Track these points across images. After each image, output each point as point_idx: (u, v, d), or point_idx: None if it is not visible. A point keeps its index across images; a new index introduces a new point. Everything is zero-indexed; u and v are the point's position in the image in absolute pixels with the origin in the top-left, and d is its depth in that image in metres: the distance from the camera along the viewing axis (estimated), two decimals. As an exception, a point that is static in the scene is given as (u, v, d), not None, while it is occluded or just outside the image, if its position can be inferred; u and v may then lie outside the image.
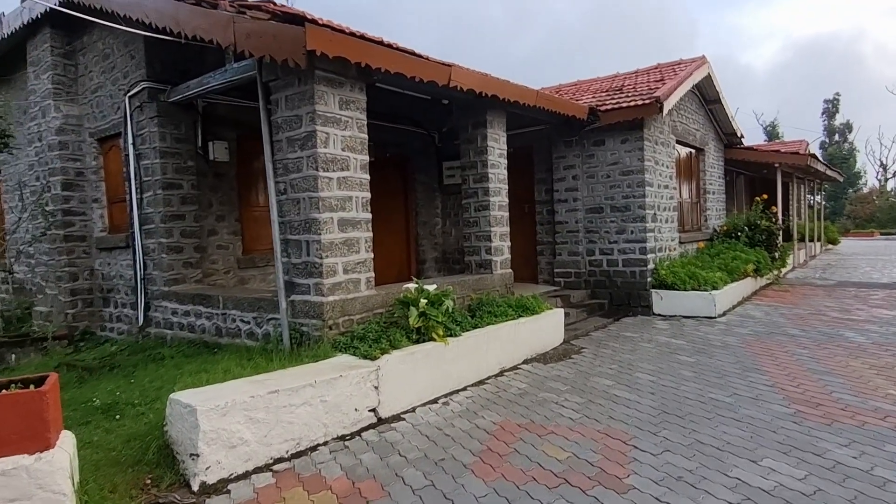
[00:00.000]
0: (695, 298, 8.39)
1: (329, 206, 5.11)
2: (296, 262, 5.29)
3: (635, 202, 8.79)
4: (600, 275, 9.17)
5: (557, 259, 9.50)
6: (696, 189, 11.53)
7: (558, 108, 7.95)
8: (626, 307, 8.90)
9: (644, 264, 8.75)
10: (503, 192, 7.46)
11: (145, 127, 6.83)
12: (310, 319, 5.15)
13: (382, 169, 9.93)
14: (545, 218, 9.79)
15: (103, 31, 7.44)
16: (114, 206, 7.84)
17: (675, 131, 9.97)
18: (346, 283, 5.26)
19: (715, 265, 9.60)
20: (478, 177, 7.29)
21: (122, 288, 7.56)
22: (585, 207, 9.29)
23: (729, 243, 10.95)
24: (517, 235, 10.10)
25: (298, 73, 5.07)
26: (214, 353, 5.77)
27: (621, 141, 8.90)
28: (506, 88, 6.86)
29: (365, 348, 4.80)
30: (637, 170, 8.76)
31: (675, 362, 6.00)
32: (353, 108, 5.35)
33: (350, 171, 5.32)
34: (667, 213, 9.49)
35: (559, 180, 9.45)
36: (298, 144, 5.16)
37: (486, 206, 7.22)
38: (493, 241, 7.22)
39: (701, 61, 10.32)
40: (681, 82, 9.10)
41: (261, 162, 6.30)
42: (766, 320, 8.02)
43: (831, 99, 51.99)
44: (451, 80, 5.95)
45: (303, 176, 5.15)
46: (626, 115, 8.46)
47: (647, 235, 8.72)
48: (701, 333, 7.30)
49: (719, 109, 11.79)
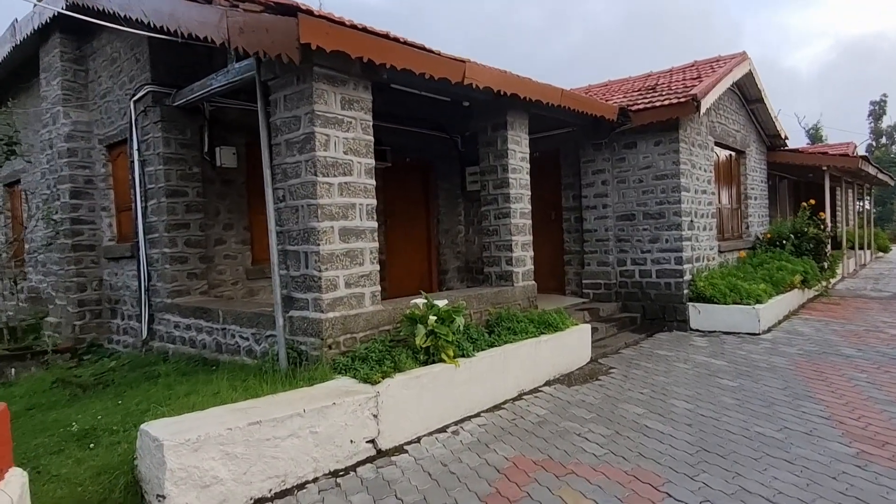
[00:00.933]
0: (736, 313, 7.71)
1: (329, 214, 4.69)
2: (294, 275, 4.88)
3: (670, 209, 8.16)
4: (632, 286, 8.56)
5: (586, 269, 8.92)
6: (737, 194, 10.80)
7: (586, 109, 7.41)
8: (660, 322, 8.26)
9: (680, 275, 8.11)
10: (525, 198, 6.95)
11: (149, 132, 6.57)
12: (308, 337, 4.73)
13: (402, 175, 9.54)
14: (573, 226, 9.23)
15: (111, 35, 7.23)
16: (122, 215, 7.61)
17: (713, 132, 9.30)
18: (349, 297, 4.83)
19: (758, 276, 8.88)
20: (497, 182, 6.79)
21: (128, 299, 7.30)
22: (616, 214, 8.69)
23: (773, 252, 10.19)
24: (543, 244, 9.56)
25: (297, 71, 4.68)
26: (212, 370, 5.40)
27: (655, 143, 8.29)
28: (527, 87, 6.36)
29: (366, 371, 4.35)
30: (672, 174, 8.14)
31: (715, 387, 5.39)
32: (356, 108, 4.93)
33: (353, 177, 4.90)
34: (704, 220, 8.83)
35: (588, 186, 8.88)
36: (297, 148, 4.77)
37: (506, 214, 6.72)
38: (514, 251, 6.71)
39: (741, 57, 9.63)
40: (719, 79, 8.45)
41: (265, 167, 5.95)
42: (817, 338, 7.29)
43: (878, 101, 49.83)
44: (465, 78, 5.49)
45: (301, 182, 4.75)
46: (659, 116, 7.86)
47: (682, 244, 8.08)
48: (744, 353, 6.63)
49: (761, 109, 11.04)
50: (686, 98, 7.60)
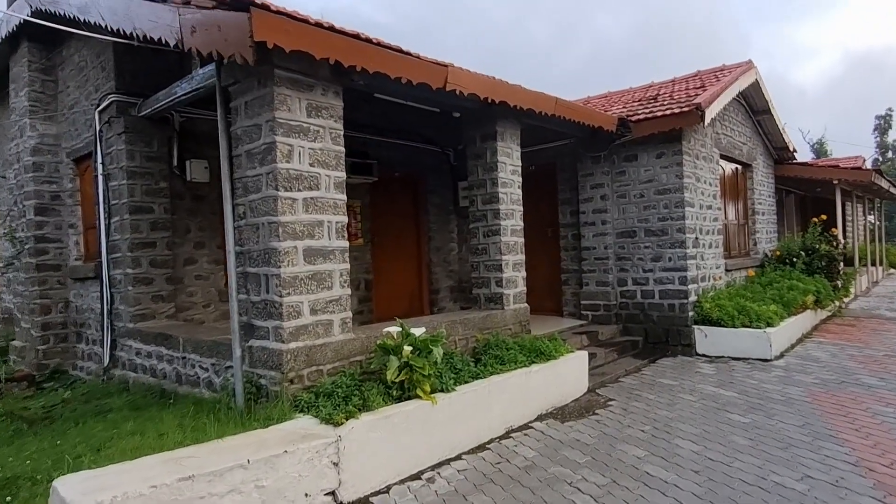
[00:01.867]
0: (746, 337, 7.17)
1: (292, 232, 4.21)
2: (255, 301, 4.39)
3: (673, 225, 7.66)
4: (633, 308, 8.03)
5: (584, 290, 8.41)
6: (744, 209, 10.29)
7: (582, 119, 6.94)
8: (663, 346, 7.72)
9: (684, 296, 7.59)
10: (517, 214, 6.46)
11: (113, 144, 6.14)
12: (268, 371, 4.23)
13: (390, 190, 9.09)
14: (570, 243, 8.73)
15: (79, 43, 6.84)
16: (89, 232, 7.14)
17: (718, 144, 8.83)
18: (314, 325, 4.33)
19: (768, 296, 8.34)
20: (487, 197, 6.32)
21: (92, 323, 6.82)
22: (616, 231, 8.19)
23: (783, 270, 9.65)
24: (539, 263, 9.08)
25: (258, 75, 4.24)
26: (169, 404, 4.90)
27: (656, 156, 7.82)
28: (517, 94, 5.91)
29: (328, 409, 3.85)
30: (675, 188, 7.65)
31: (724, 423, 4.85)
32: (325, 115, 4.47)
33: (320, 191, 4.42)
34: (710, 236, 8.32)
35: (585, 201, 8.40)
36: (258, 159, 4.30)
37: (496, 231, 6.23)
38: (504, 271, 6.21)
39: (747, 66, 9.19)
40: (724, 88, 7.99)
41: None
42: (834, 364, 6.74)
43: (883, 115, 49.33)
44: (447, 83, 5.04)
45: (262, 197, 4.28)
46: (661, 126, 7.39)
47: (687, 263, 7.56)
48: (755, 382, 6.09)
49: (768, 121, 10.57)
50: (689, 107, 7.13)
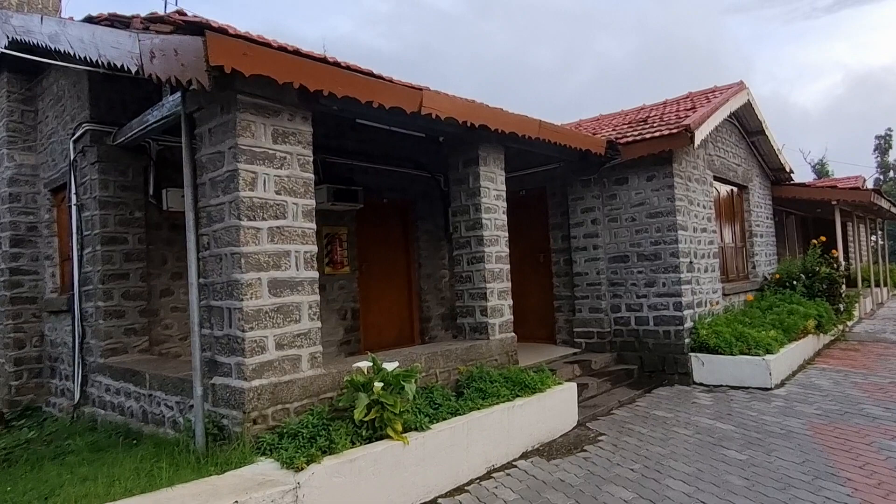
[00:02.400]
0: (744, 365, 6.89)
1: (256, 263, 4.02)
2: (218, 335, 4.18)
3: (666, 249, 7.44)
4: (628, 335, 7.77)
5: (577, 317, 8.15)
6: (741, 232, 10.07)
7: (568, 142, 6.78)
8: (659, 374, 7.43)
9: (679, 322, 7.33)
10: (502, 240, 6.26)
11: (87, 174, 5.99)
12: (230, 410, 3.99)
13: (379, 216, 8.93)
14: (562, 269, 8.51)
15: (58, 73, 6.76)
16: (65, 264, 6.96)
17: (711, 166, 8.65)
18: (280, 361, 4.10)
19: (767, 321, 8.07)
20: (470, 223, 6.13)
21: (65, 357, 6.60)
22: (608, 256, 7.97)
23: (783, 294, 9.39)
24: (531, 290, 8.86)
25: (221, 101, 4.09)
26: (133, 446, 4.66)
27: (647, 178, 7.63)
28: (498, 118, 5.76)
29: (290, 452, 3.60)
30: (667, 211, 7.45)
31: (720, 460, 4.56)
32: (292, 141, 4.31)
33: (287, 220, 4.24)
34: (706, 260, 8.09)
35: (576, 225, 8.20)
36: (221, 187, 4.13)
37: (480, 259, 6.02)
38: (489, 299, 5.98)
39: (739, 87, 9.06)
40: (715, 109, 7.85)
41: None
42: (837, 393, 6.44)
43: (883, 135, 49.38)
44: (422, 107, 4.88)
45: (225, 227, 4.10)
46: (651, 148, 7.23)
47: (681, 288, 7.32)
48: (754, 414, 5.80)
49: (763, 142, 10.42)
50: (679, 129, 6.97)
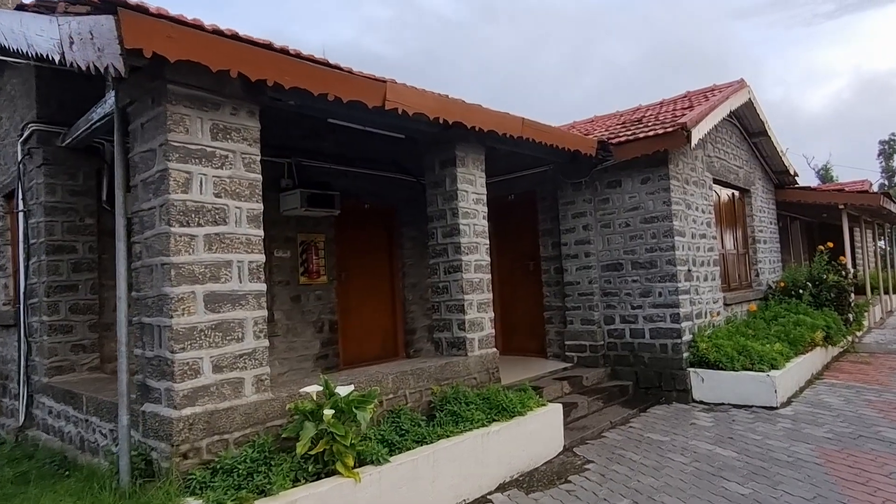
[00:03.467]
0: (747, 381, 6.37)
1: (189, 275, 3.55)
2: (149, 357, 3.70)
3: (662, 256, 6.95)
4: (622, 348, 7.26)
5: (568, 329, 7.65)
6: (743, 238, 9.57)
7: (556, 142, 6.31)
8: (656, 391, 6.92)
9: (677, 335, 6.82)
10: (482, 248, 5.78)
11: (34, 178, 5.55)
12: (159, 442, 3.52)
13: (360, 223, 8.46)
14: (553, 277, 8.02)
15: (12, 71, 6.33)
16: (17, 275, 6.52)
17: (711, 169, 8.17)
18: (219, 386, 3.63)
19: (772, 333, 7.56)
20: (447, 230, 5.65)
21: (14, 375, 6.13)
22: (601, 264, 7.48)
23: (788, 303, 8.87)
24: (521, 300, 8.39)
25: (152, 92, 3.65)
26: (63, 478, 4.18)
27: (641, 181, 7.15)
28: (475, 115, 5.30)
29: (219, 494, 3.12)
30: (662, 216, 6.96)
31: (719, 495, 4.05)
32: (235, 138, 3.85)
33: (228, 226, 3.77)
34: (705, 268, 7.59)
35: (567, 231, 7.72)
36: (152, 189, 3.68)
37: (457, 268, 5.54)
38: (466, 312, 5.50)
39: (739, 85, 8.59)
40: (713, 108, 7.37)
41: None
42: (849, 413, 5.92)
43: (887, 140, 48.91)
44: (386, 101, 4.42)
45: (156, 234, 3.63)
46: (644, 148, 6.75)
47: (679, 298, 6.82)
48: (758, 437, 5.28)
49: (766, 143, 9.93)
50: (674, 127, 6.50)
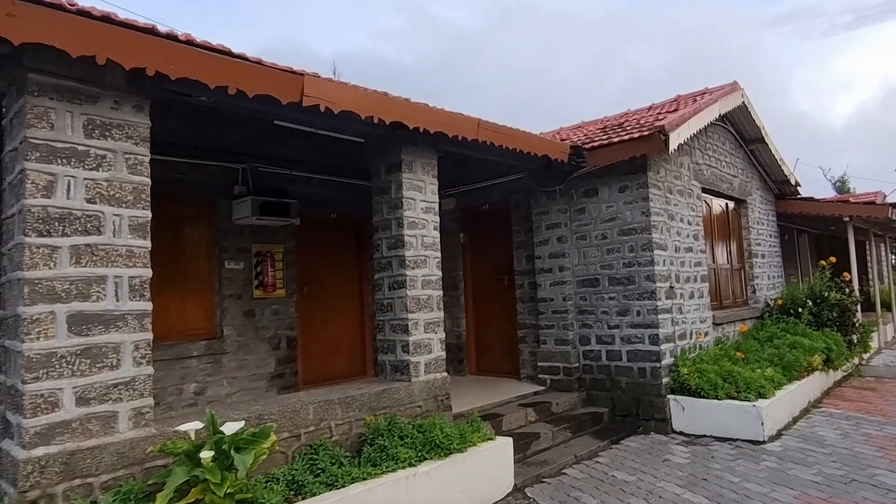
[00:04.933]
0: (732, 412, 5.75)
1: (48, 293, 3.06)
2: (8, 386, 3.21)
3: (640, 271, 6.37)
4: (598, 372, 6.67)
5: (541, 349, 7.08)
6: (738, 251, 8.94)
7: (519, 146, 5.79)
8: (633, 420, 6.31)
9: (656, 358, 6.22)
10: (431, 262, 5.25)
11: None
12: (9, 486, 3.02)
13: (326, 233, 7.98)
14: (527, 293, 7.46)
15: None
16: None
17: (699, 177, 7.58)
18: (83, 421, 3.12)
19: (765, 356, 6.92)
20: (392, 241, 5.14)
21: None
22: (576, 279, 6.91)
23: (786, 322, 8.22)
24: (495, 316, 7.87)
25: (15, 81, 3.19)
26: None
27: (619, 189, 6.59)
28: (418, 114, 4.79)
29: (54, 557, 2.60)
30: (641, 227, 6.39)
31: (676, 553, 3.46)
32: (117, 136, 3.37)
33: (103, 236, 3.28)
34: (691, 284, 6.99)
35: (541, 243, 7.16)
36: (14, 194, 3.21)
37: (401, 284, 5.02)
38: (411, 333, 4.96)
39: (731, 88, 8.01)
40: (697, 111, 6.80)
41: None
42: (843, 450, 5.28)
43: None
44: (304, 97, 3.93)
45: (15, 244, 3.16)
46: (619, 154, 6.20)
47: (658, 318, 6.23)
48: (736, 479, 4.66)
49: (763, 151, 9.31)
50: (651, 131, 5.94)
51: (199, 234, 6.77)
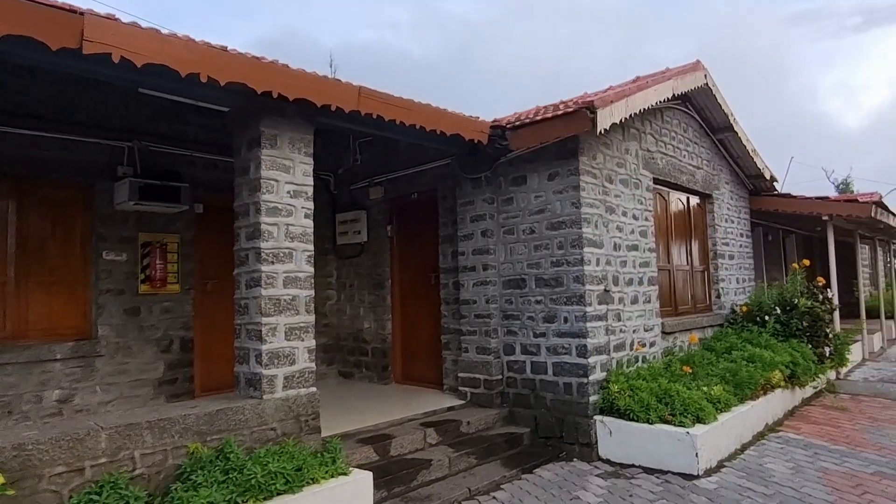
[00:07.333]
0: (663, 438, 4.90)
1: None
2: None
3: (569, 272, 5.52)
4: (522, 386, 5.83)
5: (463, 357, 6.24)
6: (702, 252, 8.06)
7: (421, 123, 4.93)
8: (557, 442, 5.47)
9: (583, 372, 5.37)
10: (299, 255, 4.42)
11: None
12: None
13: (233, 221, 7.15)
14: (451, 294, 6.61)
15: None
16: None
17: (651, 166, 6.71)
18: None
19: (717, 372, 6.07)
20: (250, 230, 4.31)
21: None
22: (502, 279, 6.07)
23: (750, 331, 7.35)
24: (422, 319, 7.09)
25: None
26: None
27: (549, 177, 5.74)
28: (271, 76, 3.94)
29: None
30: (571, 221, 5.53)
31: None
32: None
33: None
34: (634, 287, 6.13)
35: (465, 238, 6.31)
36: None
37: (257, 281, 4.18)
38: (267, 340, 4.13)
39: (692, 66, 7.12)
40: (642, 87, 5.92)
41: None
42: (790, 490, 4.42)
43: (910, 155, 46.53)
44: (84, 42, 3.08)
45: None
46: (545, 135, 5.34)
47: (587, 326, 5.37)
48: (647, 527, 3.82)
49: (733, 141, 8.41)
50: (578, 107, 5.08)
51: (71, 221, 5.97)
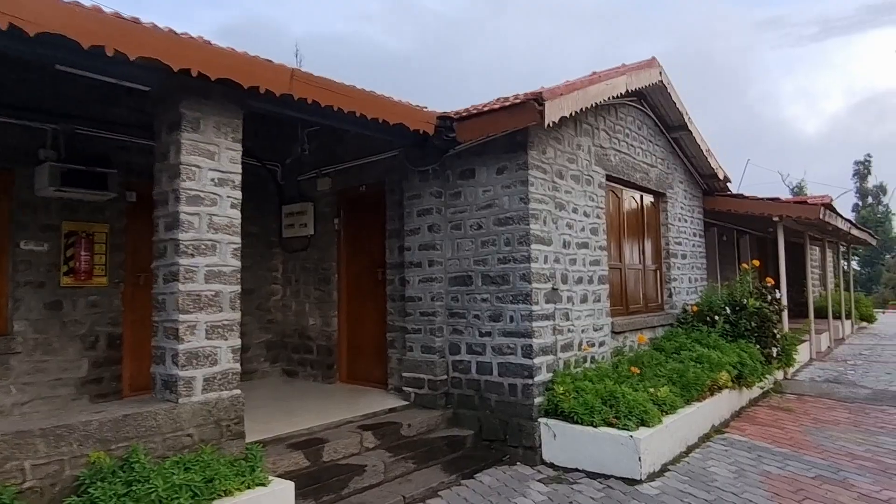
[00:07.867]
0: (606, 442, 4.77)
1: None
2: None
3: (516, 269, 5.34)
4: (467, 386, 5.64)
5: (408, 357, 6.02)
6: (655, 251, 8.02)
7: (361, 110, 4.67)
8: (500, 446, 5.30)
9: (528, 373, 5.21)
10: (223, 248, 4.11)
11: None
12: None
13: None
14: (397, 290, 6.38)
15: None
16: None
17: (604, 163, 6.59)
18: None
19: (665, 372, 5.99)
20: (169, 221, 3.98)
21: None
22: (448, 276, 5.86)
23: (699, 331, 7.33)
24: (368, 316, 6.85)
25: None
26: None
27: (497, 171, 5.55)
28: (190, 52, 3.63)
29: None
30: (519, 216, 5.36)
31: None
32: None
33: None
34: (583, 286, 6.00)
35: (411, 233, 6.09)
36: None
37: (175, 275, 3.87)
38: (184, 339, 3.82)
39: (647, 63, 7.03)
40: (594, 81, 5.79)
41: None
42: (730, 495, 4.34)
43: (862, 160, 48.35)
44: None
45: None
46: (493, 127, 5.15)
47: (533, 326, 5.21)
48: (583, 537, 3.67)
49: (688, 140, 8.39)
50: (526, 98, 4.89)
51: (-14, 207, 5.52)
